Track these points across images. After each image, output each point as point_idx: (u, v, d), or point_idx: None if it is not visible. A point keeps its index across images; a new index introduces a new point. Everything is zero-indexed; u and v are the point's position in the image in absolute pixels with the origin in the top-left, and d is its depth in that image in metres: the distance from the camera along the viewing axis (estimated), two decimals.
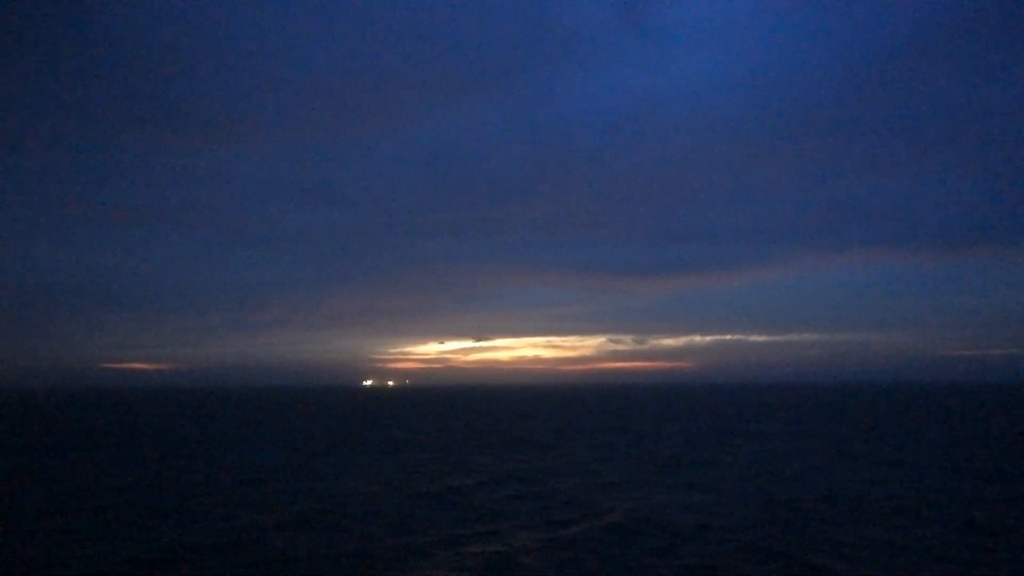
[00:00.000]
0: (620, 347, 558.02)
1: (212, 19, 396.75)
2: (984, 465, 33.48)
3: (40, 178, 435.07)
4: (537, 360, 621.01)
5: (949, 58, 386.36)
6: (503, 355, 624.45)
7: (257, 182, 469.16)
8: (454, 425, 65.86)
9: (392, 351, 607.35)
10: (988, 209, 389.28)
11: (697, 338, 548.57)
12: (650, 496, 25.35)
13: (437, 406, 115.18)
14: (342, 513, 22.20)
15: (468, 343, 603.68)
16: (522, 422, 69.31)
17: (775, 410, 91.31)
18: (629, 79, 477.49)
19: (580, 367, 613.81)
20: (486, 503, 24.04)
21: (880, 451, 39.92)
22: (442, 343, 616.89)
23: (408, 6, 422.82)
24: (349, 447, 43.94)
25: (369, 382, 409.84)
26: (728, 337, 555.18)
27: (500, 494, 25.85)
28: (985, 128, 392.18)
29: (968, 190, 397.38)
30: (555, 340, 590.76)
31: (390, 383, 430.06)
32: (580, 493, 26.04)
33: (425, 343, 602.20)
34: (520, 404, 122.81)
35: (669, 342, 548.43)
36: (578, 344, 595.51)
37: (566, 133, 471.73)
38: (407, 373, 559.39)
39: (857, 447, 42.22)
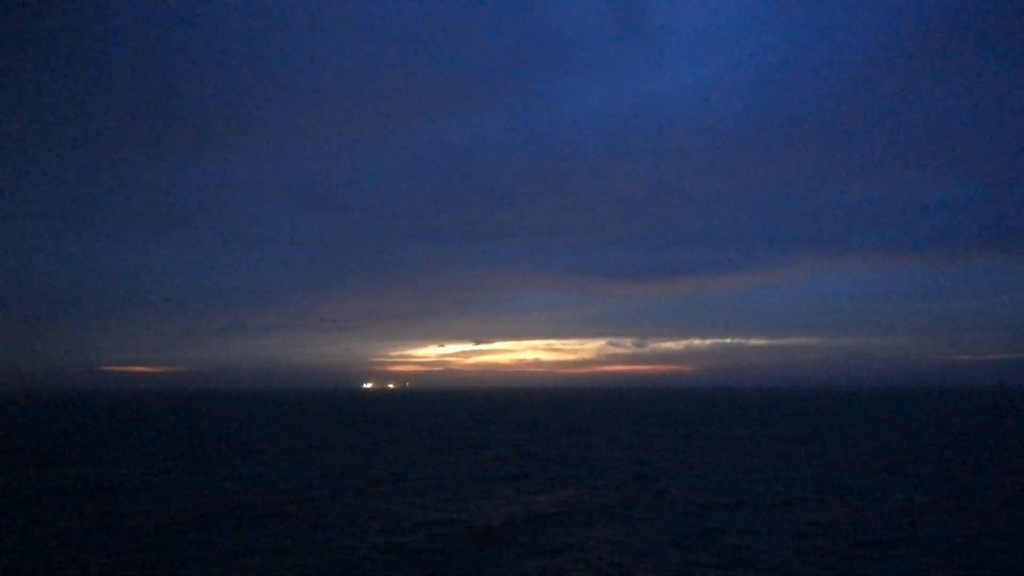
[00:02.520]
0: (620, 350, 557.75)
1: (210, 25, 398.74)
2: (936, 470, 33.11)
3: (41, 182, 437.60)
4: (537, 363, 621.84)
5: (949, 64, 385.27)
6: (503, 358, 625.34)
7: (257, 187, 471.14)
8: (423, 429, 65.74)
9: (392, 354, 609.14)
10: (988, 214, 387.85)
11: (697, 341, 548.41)
12: (537, 498, 25.16)
13: (420, 409, 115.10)
14: (214, 516, 22.16)
15: (468, 346, 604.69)
16: (485, 428, 69.12)
17: (761, 412, 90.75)
18: (627, 84, 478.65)
19: (580, 370, 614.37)
20: (377, 504, 23.91)
21: (832, 459, 39.50)
22: (442, 346, 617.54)
23: (407, 12, 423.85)
24: (302, 450, 43.85)
25: (369, 385, 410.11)
26: (728, 341, 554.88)
27: (399, 499, 25.73)
28: (985, 133, 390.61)
29: (968, 195, 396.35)
30: (555, 343, 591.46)
31: (390, 386, 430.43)
32: (478, 497, 25.88)
33: (425, 346, 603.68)
34: (503, 407, 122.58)
35: (669, 345, 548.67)
36: (578, 347, 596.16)
37: (565, 138, 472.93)
38: (407, 376, 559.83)
39: (805, 452, 41.81)
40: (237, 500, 25.06)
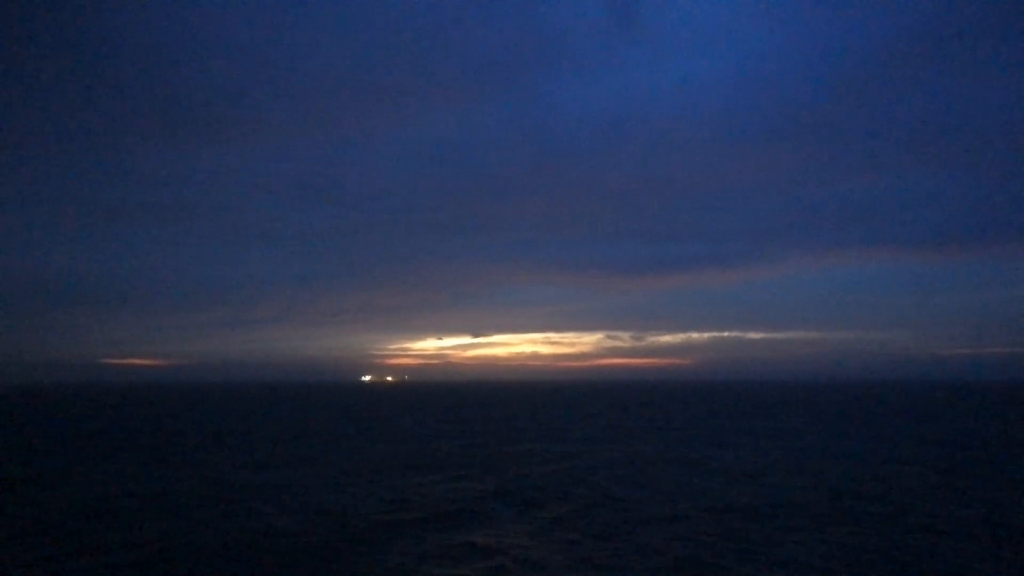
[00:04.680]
0: (618, 344, 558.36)
1: (212, 19, 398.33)
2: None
3: (41, 176, 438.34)
4: (535, 356, 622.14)
5: (942, 59, 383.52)
6: (501, 351, 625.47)
7: (257, 180, 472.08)
8: (391, 420, 65.77)
9: (391, 347, 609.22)
10: (983, 208, 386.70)
11: (695, 335, 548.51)
12: (463, 485, 25.10)
13: (409, 403, 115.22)
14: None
15: (466, 339, 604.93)
16: (455, 423, 69.09)
17: (748, 408, 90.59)
18: (622, 80, 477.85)
19: (578, 363, 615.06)
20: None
21: (777, 447, 39.43)
22: (441, 339, 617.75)
23: (406, 10, 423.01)
24: (259, 441, 43.97)
25: (368, 378, 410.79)
26: (725, 334, 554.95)
27: (318, 486, 25.72)
28: (979, 127, 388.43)
29: (963, 189, 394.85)
30: (553, 336, 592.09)
31: (389, 379, 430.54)
32: (402, 489, 25.84)
33: (424, 339, 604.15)
34: (490, 402, 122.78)
35: (667, 339, 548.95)
36: (576, 341, 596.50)
37: (562, 133, 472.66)
38: (406, 369, 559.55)
39: (763, 445, 41.74)
40: (148, 489, 25.04)
